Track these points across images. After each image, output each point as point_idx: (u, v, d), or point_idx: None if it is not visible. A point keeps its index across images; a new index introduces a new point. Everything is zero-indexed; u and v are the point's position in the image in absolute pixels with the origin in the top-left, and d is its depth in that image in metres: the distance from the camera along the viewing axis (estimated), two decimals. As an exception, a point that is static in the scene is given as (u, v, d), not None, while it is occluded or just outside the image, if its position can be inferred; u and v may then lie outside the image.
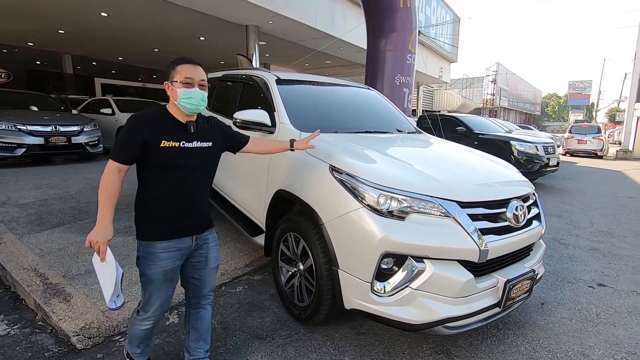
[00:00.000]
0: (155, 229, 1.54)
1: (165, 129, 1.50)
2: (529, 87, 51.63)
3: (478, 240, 1.78)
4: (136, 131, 1.46)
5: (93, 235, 1.42)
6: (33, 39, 11.44)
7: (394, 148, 2.58)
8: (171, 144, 1.49)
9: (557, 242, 3.99)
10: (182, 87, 1.48)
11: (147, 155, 1.47)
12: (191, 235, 1.62)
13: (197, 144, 1.58)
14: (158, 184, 1.52)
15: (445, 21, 16.06)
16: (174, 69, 1.51)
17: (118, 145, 1.47)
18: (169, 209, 1.54)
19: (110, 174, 1.45)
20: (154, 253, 1.54)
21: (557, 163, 7.63)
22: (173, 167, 1.51)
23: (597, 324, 2.40)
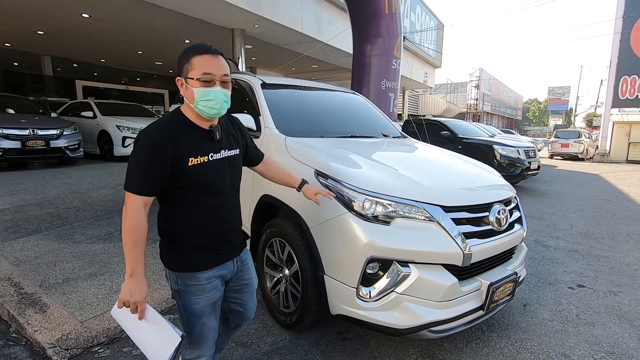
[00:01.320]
0: (196, 259, 1.29)
1: (188, 141, 1.20)
2: (510, 92, 52.99)
3: (462, 244, 1.80)
4: (159, 151, 1.14)
5: (127, 295, 1.15)
6: (10, 39, 11.09)
7: (379, 153, 2.59)
8: (200, 160, 1.21)
9: (539, 244, 4.08)
10: (200, 85, 1.17)
11: (173, 177, 1.18)
12: (233, 259, 1.40)
13: (226, 153, 1.31)
14: (189, 208, 1.25)
15: (429, 27, 16.36)
16: (189, 61, 1.19)
17: (139, 173, 1.15)
18: (207, 235, 1.30)
19: (135, 213, 1.14)
20: (198, 285, 1.29)
21: (538, 167, 7.83)
22: (205, 187, 1.25)
23: (577, 324, 2.45)
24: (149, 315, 1.21)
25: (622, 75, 15.48)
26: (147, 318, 1.20)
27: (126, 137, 8.30)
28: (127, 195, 1.16)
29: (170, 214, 1.26)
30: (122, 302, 1.17)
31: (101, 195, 5.01)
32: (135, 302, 1.16)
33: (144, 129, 1.20)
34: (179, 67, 1.22)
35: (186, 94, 1.21)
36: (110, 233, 3.67)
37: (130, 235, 1.15)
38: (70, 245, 3.33)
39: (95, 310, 2.36)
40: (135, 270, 1.16)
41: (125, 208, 1.16)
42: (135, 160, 1.16)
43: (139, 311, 1.17)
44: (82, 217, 4.11)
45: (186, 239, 1.28)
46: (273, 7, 7.99)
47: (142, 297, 1.17)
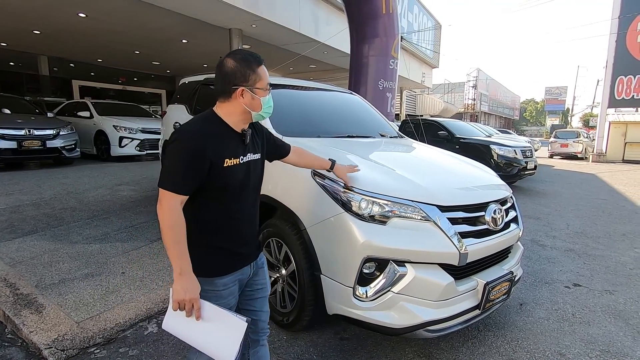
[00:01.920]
0: (216, 263, 1.28)
1: (224, 143, 1.23)
2: (508, 92, 53.18)
3: (458, 243, 1.81)
4: (199, 151, 1.15)
5: (181, 294, 1.12)
6: (7, 39, 11.04)
7: (376, 153, 2.60)
8: (233, 162, 1.24)
9: (535, 243, 4.10)
10: (265, 95, 1.26)
11: (208, 178, 1.19)
12: (250, 264, 1.39)
13: (251, 156, 1.34)
14: (216, 209, 1.26)
15: (427, 27, 16.39)
16: (254, 72, 1.23)
17: (178, 172, 1.15)
18: (229, 238, 1.30)
19: (174, 211, 1.15)
20: (215, 291, 1.27)
21: (535, 166, 7.86)
22: (234, 189, 1.27)
23: (573, 323, 2.47)
24: (206, 312, 1.16)
25: (618, 76, 15.55)
26: (204, 316, 1.16)
27: (123, 137, 8.27)
28: (163, 193, 1.16)
29: (196, 214, 1.24)
30: (176, 302, 1.13)
31: (98, 196, 4.99)
32: (191, 299, 1.13)
33: (182, 127, 1.22)
34: (241, 76, 1.22)
35: (251, 102, 1.25)
36: (107, 233, 3.66)
37: (171, 233, 1.14)
38: (67, 246, 3.32)
39: (92, 310, 2.35)
40: (184, 267, 1.15)
41: (162, 206, 1.15)
42: (175, 159, 1.16)
43: (196, 309, 1.14)
44: (79, 217, 4.10)
45: (208, 242, 1.27)
46: (270, 7, 7.98)
47: (196, 293, 1.15)
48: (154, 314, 2.40)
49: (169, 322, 1.18)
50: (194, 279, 1.17)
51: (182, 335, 1.19)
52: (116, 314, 2.35)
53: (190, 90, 4.21)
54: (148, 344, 2.12)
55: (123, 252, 3.25)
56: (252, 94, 1.24)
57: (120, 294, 2.57)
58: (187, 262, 1.17)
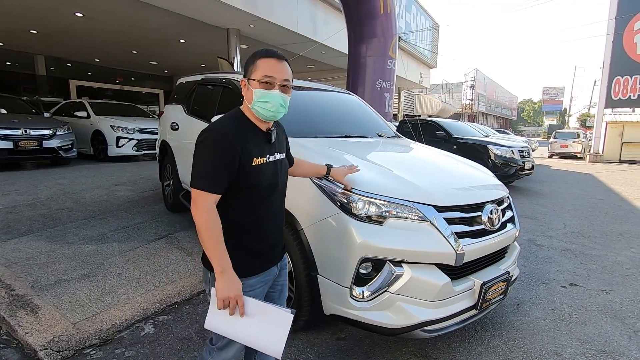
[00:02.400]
0: (244, 263, 1.25)
1: (252, 141, 1.22)
2: (505, 92, 53.34)
3: (454, 243, 1.81)
4: (229, 149, 1.15)
5: (226, 292, 1.13)
6: (3, 38, 10.98)
7: (373, 153, 2.60)
8: (261, 161, 1.23)
9: (532, 243, 4.11)
10: (260, 87, 1.20)
11: (237, 177, 1.19)
12: (277, 264, 1.39)
13: (278, 156, 1.33)
14: (245, 209, 1.25)
15: (425, 28, 16.41)
16: (254, 63, 1.22)
17: (210, 171, 1.15)
18: (259, 238, 1.29)
19: (210, 211, 1.14)
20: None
21: (532, 166, 7.89)
22: (262, 188, 1.26)
23: (569, 323, 2.47)
24: (250, 307, 1.17)
25: (615, 76, 15.62)
26: (248, 312, 1.16)
27: (120, 137, 8.24)
28: (197, 193, 1.15)
29: (226, 214, 1.22)
30: (221, 300, 1.14)
31: (95, 196, 4.97)
32: (235, 296, 1.14)
33: (211, 126, 1.21)
34: (245, 69, 1.25)
35: (247, 94, 1.24)
36: (104, 234, 3.65)
37: (210, 233, 1.14)
38: (63, 247, 3.30)
39: (88, 311, 2.34)
40: (225, 265, 1.15)
41: (197, 207, 1.15)
42: (207, 158, 1.16)
43: (240, 306, 1.15)
44: (75, 217, 4.08)
45: (238, 241, 1.25)
46: (268, 7, 7.97)
47: (239, 290, 1.16)
48: (150, 315, 2.39)
49: (212, 320, 1.19)
50: (236, 276, 1.17)
51: (227, 332, 1.20)
52: (112, 314, 2.34)
53: (187, 90, 4.20)
54: (144, 345, 2.11)
55: (120, 252, 3.24)
56: (248, 85, 1.23)
57: (117, 295, 2.56)
58: (228, 260, 1.16)
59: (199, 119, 3.57)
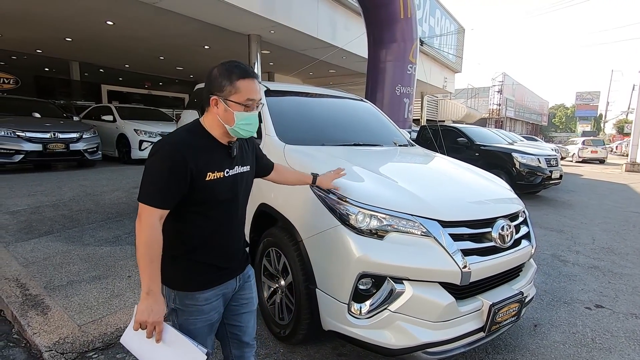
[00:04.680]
0: (197, 277, 1.24)
1: (207, 155, 1.19)
2: (535, 97, 51.39)
3: (460, 261, 1.70)
4: (180, 163, 1.11)
5: (145, 315, 1.09)
6: (41, 46, 11.63)
7: (380, 163, 2.52)
8: (217, 176, 1.20)
9: (556, 258, 3.88)
10: (242, 110, 1.18)
11: (189, 191, 1.15)
12: (235, 277, 1.35)
13: (239, 169, 1.30)
14: (200, 224, 1.22)
15: (449, 32, 16.06)
16: (232, 84, 1.17)
17: (158, 185, 1.11)
18: (215, 253, 1.26)
19: (152, 227, 1.10)
20: (196, 306, 1.24)
21: (560, 176, 7.50)
22: (219, 203, 1.23)
23: (591, 349, 2.29)
24: (168, 336, 1.13)
25: (655, 81, 14.71)
26: (165, 339, 1.12)
27: (143, 140, 8.51)
28: (142, 207, 1.11)
29: (180, 229, 1.21)
30: (138, 323, 1.10)
31: (114, 198, 5.13)
32: (154, 322, 1.09)
33: (163, 139, 1.18)
34: (216, 85, 1.18)
35: (224, 115, 1.19)
36: (119, 236, 3.73)
37: (146, 250, 1.10)
38: (79, 248, 3.40)
39: (95, 314, 2.38)
40: (152, 287, 1.11)
41: (140, 221, 1.11)
42: (155, 171, 1.12)
43: (157, 332, 1.11)
44: (94, 219, 4.21)
45: (192, 256, 1.24)
46: (287, 13, 8.02)
47: (160, 316, 1.11)
48: (154, 320, 2.40)
49: (128, 337, 1.16)
50: (161, 300, 1.14)
51: (138, 354, 1.17)
52: (117, 318, 2.36)
53: (200, 96, 4.26)
54: (145, 351, 2.11)
55: (132, 255, 3.30)
56: (225, 106, 1.18)
57: (124, 298, 2.59)
58: (158, 283, 1.13)
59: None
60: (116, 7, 7.57)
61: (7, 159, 6.27)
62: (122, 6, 7.45)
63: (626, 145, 18.20)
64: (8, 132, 6.26)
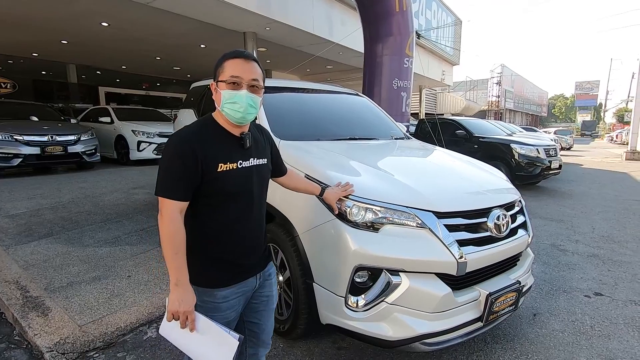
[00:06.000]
0: (215, 274, 1.23)
1: (218, 146, 1.19)
2: (534, 88, 51.21)
3: (456, 252, 1.70)
4: (190, 154, 1.12)
5: (176, 305, 1.10)
6: (37, 49, 11.60)
7: (376, 156, 2.51)
8: (228, 167, 1.18)
9: (555, 248, 3.88)
10: (227, 87, 1.17)
11: (202, 183, 1.15)
12: (255, 275, 1.33)
13: (254, 162, 1.27)
14: (213, 218, 1.21)
15: (446, 24, 15.98)
16: (221, 65, 1.20)
17: (172, 178, 1.12)
18: (230, 248, 1.24)
19: (174, 220, 1.11)
20: (213, 303, 1.22)
21: (560, 166, 7.49)
22: (232, 195, 1.21)
23: (590, 336, 2.29)
24: (200, 324, 1.15)
25: (654, 68, 14.64)
26: (198, 328, 1.15)
27: (141, 141, 8.50)
28: (162, 201, 1.13)
29: (193, 223, 1.20)
30: (170, 313, 1.12)
31: (113, 199, 5.14)
32: (185, 311, 1.11)
33: (175, 133, 1.20)
34: (214, 72, 1.23)
35: (216, 97, 1.21)
36: (118, 237, 3.74)
37: (170, 243, 1.11)
38: (78, 249, 3.41)
39: (95, 314, 2.39)
40: (181, 278, 1.12)
41: (161, 215, 1.12)
42: (168, 164, 1.14)
43: (190, 321, 1.12)
44: (93, 220, 4.22)
45: (207, 251, 1.22)
46: (283, 9, 7.99)
47: (191, 305, 1.12)
48: (154, 319, 2.41)
49: (165, 328, 1.19)
50: (191, 291, 1.14)
51: (177, 343, 1.19)
52: (118, 318, 2.38)
53: (198, 94, 4.26)
54: (145, 349, 2.13)
55: (131, 255, 3.31)
56: (216, 87, 1.21)
57: (124, 298, 2.60)
58: (185, 273, 1.13)
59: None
60: (110, 8, 7.55)
61: (6, 163, 6.28)
62: (116, 7, 7.42)
63: (626, 133, 18.09)
64: (6, 136, 6.27)
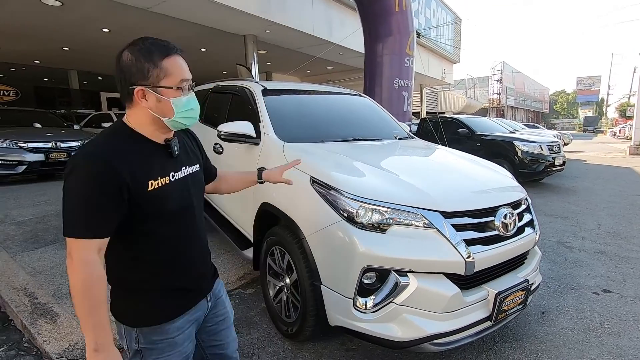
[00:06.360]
0: (164, 306, 1.04)
1: (143, 160, 0.97)
2: (536, 84, 51.06)
3: (464, 251, 1.70)
4: (109, 176, 0.88)
5: None
6: (39, 56, 11.68)
7: (380, 157, 2.51)
8: (160, 183, 0.98)
9: (562, 245, 3.86)
10: (179, 95, 0.98)
11: (130, 208, 0.94)
12: (206, 296, 1.17)
13: (187, 170, 1.09)
14: (151, 244, 1.01)
15: (445, 22, 15.97)
16: (157, 65, 0.94)
17: (87, 210, 0.87)
18: (176, 274, 1.06)
19: (88, 264, 0.87)
20: (167, 340, 1.04)
21: (563, 162, 7.46)
22: (171, 215, 1.02)
23: (600, 334, 2.28)
24: None
25: (656, 62, 14.56)
26: None
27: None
28: (71, 243, 0.87)
29: (125, 254, 1.00)
30: None
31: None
32: None
33: (81, 151, 0.92)
34: (136, 72, 0.94)
35: (159, 107, 0.97)
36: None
37: (86, 294, 0.86)
38: (85, 255, 3.42)
39: (103, 319, 2.40)
40: (101, 340, 0.88)
41: (72, 260, 0.87)
42: (79, 192, 0.87)
43: None
44: (99, 226, 4.22)
45: (148, 284, 1.03)
46: (282, 12, 8.00)
47: None
48: (162, 323, 2.42)
49: None
50: (116, 354, 0.91)
51: None
52: (126, 323, 2.38)
53: (201, 98, 4.26)
54: (154, 354, 2.13)
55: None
56: (158, 95, 0.96)
57: (132, 303, 2.61)
58: (107, 333, 0.90)
59: (210, 126, 3.61)
60: (110, 14, 7.59)
61: (11, 170, 6.32)
62: (117, 13, 7.46)
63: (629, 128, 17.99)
64: (10, 143, 6.31)
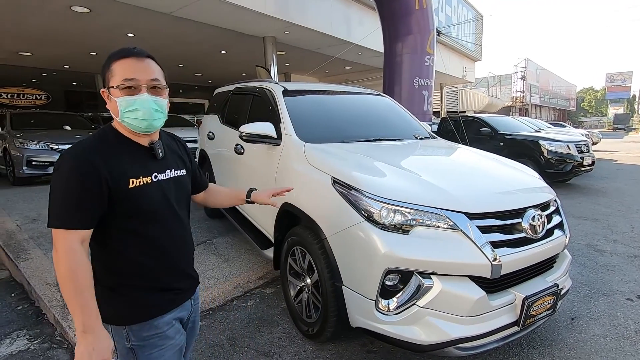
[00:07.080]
0: (152, 302, 1.07)
1: (126, 159, 1.02)
2: (561, 81, 49.26)
3: (490, 254, 1.66)
4: (90, 172, 0.94)
5: (86, 357, 0.89)
6: (68, 62, 12.19)
7: (401, 157, 2.48)
8: (142, 181, 1.02)
9: (592, 248, 3.70)
10: (122, 94, 1.00)
11: (111, 205, 0.98)
12: (190, 298, 1.20)
13: (172, 173, 1.13)
14: (134, 243, 1.04)
15: (467, 20, 15.63)
16: (109, 68, 1.02)
17: (70, 202, 0.93)
18: (160, 274, 1.09)
19: (72, 254, 0.91)
20: (159, 334, 1.06)
21: (592, 162, 7.15)
22: (151, 214, 1.05)
23: (635, 342, 2.17)
24: None
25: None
26: None
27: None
28: (56, 234, 0.92)
29: (109, 253, 1.04)
30: None
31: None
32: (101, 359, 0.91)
33: (69, 149, 0.99)
34: (102, 77, 1.05)
35: (111, 107, 1.04)
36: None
37: (71, 279, 0.90)
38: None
39: (130, 316, 2.47)
40: (88, 322, 0.91)
41: (56, 250, 0.92)
42: (63, 188, 0.94)
43: None
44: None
45: (133, 282, 1.06)
46: (302, 13, 8.04)
47: (107, 353, 0.92)
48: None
49: None
50: (104, 335, 0.93)
51: None
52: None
53: (222, 100, 4.34)
54: (178, 351, 2.17)
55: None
56: (110, 95, 1.02)
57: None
58: (94, 315, 0.92)
59: (232, 127, 3.66)
60: (136, 19, 7.83)
61: (43, 171, 6.60)
62: (141, 18, 7.68)
63: None
64: (43, 145, 6.59)
